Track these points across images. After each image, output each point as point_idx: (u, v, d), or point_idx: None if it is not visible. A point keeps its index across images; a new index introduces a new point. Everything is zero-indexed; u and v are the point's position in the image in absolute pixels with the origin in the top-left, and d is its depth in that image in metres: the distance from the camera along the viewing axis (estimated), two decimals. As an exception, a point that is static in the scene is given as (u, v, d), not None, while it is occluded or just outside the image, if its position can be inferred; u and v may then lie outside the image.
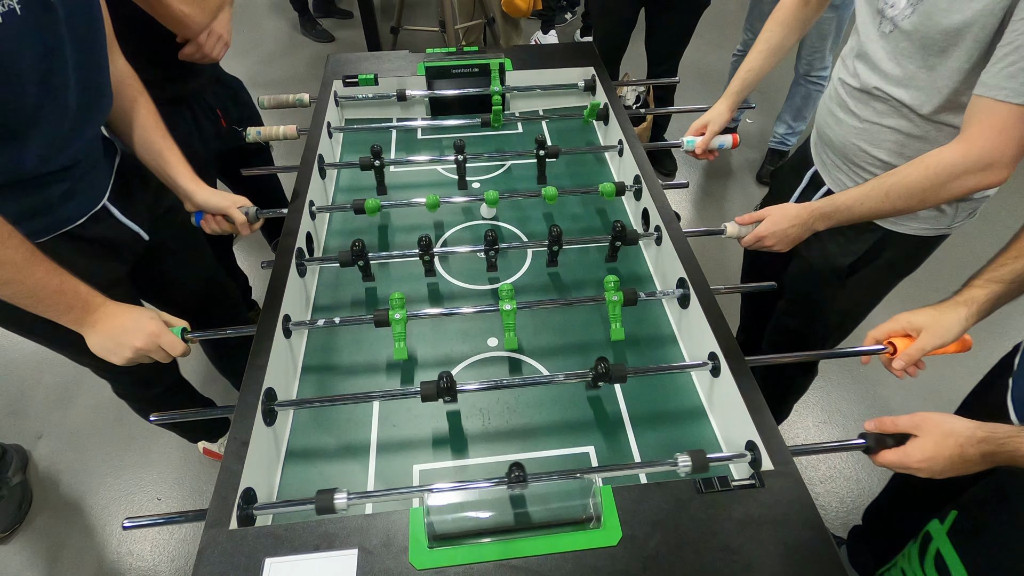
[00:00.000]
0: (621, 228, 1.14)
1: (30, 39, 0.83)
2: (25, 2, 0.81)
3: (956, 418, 0.75)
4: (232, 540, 0.71)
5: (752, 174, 2.82)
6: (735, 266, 2.38)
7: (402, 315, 0.97)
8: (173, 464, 1.78)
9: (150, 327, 0.93)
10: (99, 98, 1.00)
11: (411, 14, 3.98)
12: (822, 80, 2.45)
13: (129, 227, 1.12)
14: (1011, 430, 0.71)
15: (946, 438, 0.74)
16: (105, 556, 1.60)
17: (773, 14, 1.29)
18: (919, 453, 0.76)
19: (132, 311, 0.94)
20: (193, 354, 1.72)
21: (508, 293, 1.00)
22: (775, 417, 0.85)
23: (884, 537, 1.36)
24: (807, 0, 1.23)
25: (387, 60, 1.65)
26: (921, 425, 0.77)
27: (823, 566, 0.69)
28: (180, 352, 0.96)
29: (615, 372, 0.89)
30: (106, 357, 0.93)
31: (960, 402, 1.14)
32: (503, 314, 1.00)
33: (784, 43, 1.28)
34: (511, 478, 0.76)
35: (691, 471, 0.79)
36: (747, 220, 1.11)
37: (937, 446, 0.74)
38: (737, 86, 1.32)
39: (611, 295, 1.00)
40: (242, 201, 1.15)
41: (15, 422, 1.91)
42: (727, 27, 3.79)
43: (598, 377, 0.89)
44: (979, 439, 0.72)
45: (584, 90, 1.65)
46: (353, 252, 1.09)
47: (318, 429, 0.97)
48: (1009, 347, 1.01)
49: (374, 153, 1.30)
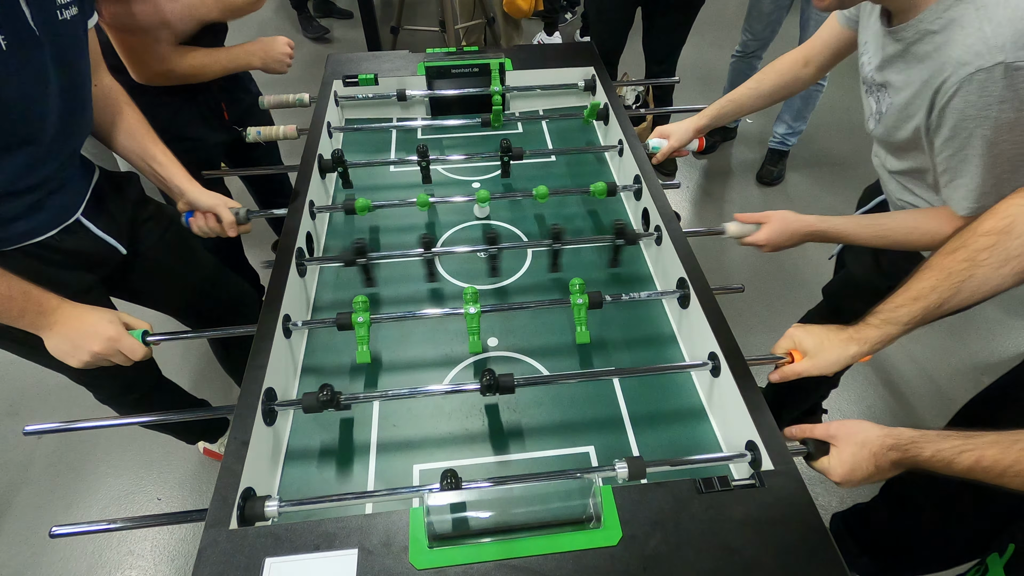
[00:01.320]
0: (622, 227, 1.13)
1: (16, 73, 0.84)
2: (10, 38, 0.81)
3: (868, 426, 0.77)
4: (232, 540, 0.71)
5: (752, 174, 2.82)
6: (735, 266, 2.39)
7: (365, 319, 0.96)
8: (173, 464, 1.78)
9: (108, 331, 0.92)
10: (80, 119, 1.01)
11: (411, 14, 3.98)
12: (822, 81, 2.45)
13: (105, 240, 1.12)
14: (913, 435, 0.72)
15: (860, 448, 0.75)
16: (105, 556, 1.60)
17: (774, 63, 1.31)
18: (838, 467, 0.77)
19: (91, 314, 0.93)
20: (187, 354, 1.72)
21: (472, 296, 0.99)
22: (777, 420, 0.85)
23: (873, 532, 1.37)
24: (807, 62, 1.26)
25: (387, 60, 1.65)
26: (837, 435, 0.79)
27: (823, 566, 0.69)
28: (140, 356, 0.95)
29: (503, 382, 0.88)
30: (64, 360, 0.93)
31: (956, 403, 1.15)
32: (467, 317, 0.99)
33: (775, 94, 1.31)
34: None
35: (628, 478, 0.79)
36: (748, 219, 1.13)
37: (853, 457, 0.76)
38: (713, 112, 1.35)
39: (576, 299, 0.99)
40: (233, 202, 1.16)
41: (15, 422, 1.91)
42: (727, 27, 3.79)
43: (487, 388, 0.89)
44: (888, 447, 0.73)
45: (584, 90, 1.65)
46: (355, 250, 1.09)
47: (318, 429, 0.97)
48: (1010, 348, 1.02)
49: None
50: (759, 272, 2.36)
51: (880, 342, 0.85)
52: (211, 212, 1.14)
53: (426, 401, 1.00)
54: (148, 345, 0.98)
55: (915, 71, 0.90)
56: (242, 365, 0.90)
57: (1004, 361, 2.02)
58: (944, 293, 0.79)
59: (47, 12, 0.87)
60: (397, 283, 1.22)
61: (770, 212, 1.12)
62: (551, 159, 1.53)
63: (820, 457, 0.80)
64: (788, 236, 1.10)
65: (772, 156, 2.76)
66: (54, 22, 0.88)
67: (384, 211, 1.35)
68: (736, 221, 1.15)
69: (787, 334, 0.93)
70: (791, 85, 1.29)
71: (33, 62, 0.86)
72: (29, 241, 1.00)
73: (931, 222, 1.00)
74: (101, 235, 1.11)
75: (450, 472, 0.78)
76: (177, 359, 1.95)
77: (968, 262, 0.77)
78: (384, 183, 1.46)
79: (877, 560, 1.35)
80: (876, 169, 1.21)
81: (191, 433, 1.70)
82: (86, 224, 1.08)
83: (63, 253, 1.05)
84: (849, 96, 3.29)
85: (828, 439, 0.80)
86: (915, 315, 0.82)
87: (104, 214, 1.12)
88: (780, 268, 2.37)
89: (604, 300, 1.01)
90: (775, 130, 2.72)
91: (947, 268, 0.79)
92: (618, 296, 1.05)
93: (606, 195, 1.27)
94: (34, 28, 0.85)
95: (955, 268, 0.78)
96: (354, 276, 1.22)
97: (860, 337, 0.86)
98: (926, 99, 0.89)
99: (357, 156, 1.52)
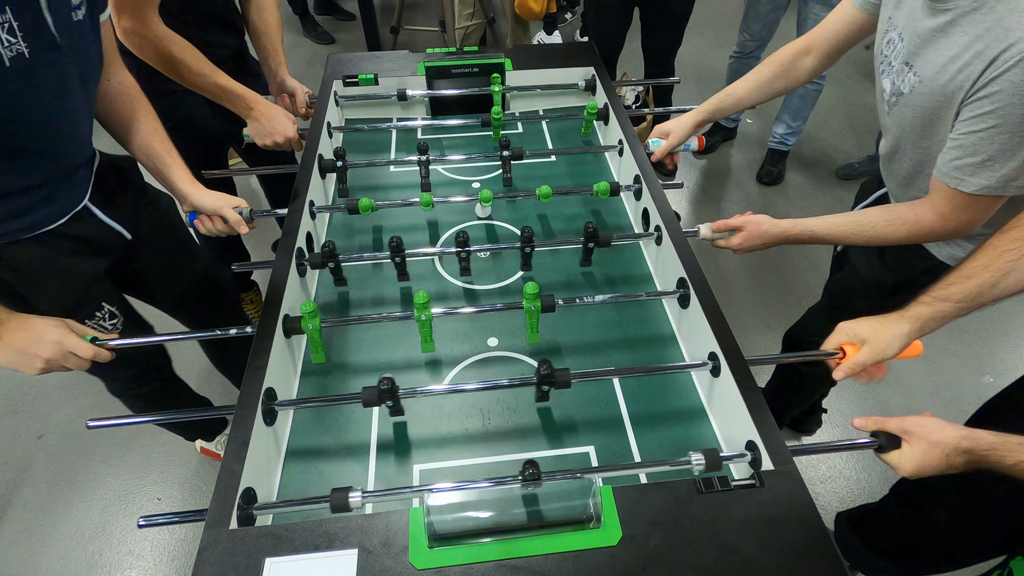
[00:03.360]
0: (594, 230, 1.14)
1: (39, 80, 0.85)
2: (34, 46, 0.82)
3: (943, 425, 0.76)
4: (232, 540, 0.71)
5: (752, 174, 2.82)
6: (735, 266, 2.39)
7: (315, 324, 0.96)
8: (174, 464, 1.78)
9: (53, 335, 0.92)
10: (89, 118, 1.03)
11: (411, 14, 3.98)
12: (820, 80, 2.46)
13: (111, 226, 1.13)
14: (994, 441, 0.72)
15: (933, 447, 0.75)
16: (105, 556, 1.60)
17: (774, 55, 1.30)
18: (909, 464, 0.77)
19: (37, 322, 0.93)
20: (192, 351, 1.72)
21: (425, 299, 0.97)
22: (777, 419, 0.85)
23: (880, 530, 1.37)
24: (809, 51, 1.24)
25: (387, 60, 1.65)
26: (910, 431, 0.78)
27: (823, 566, 0.69)
28: (91, 355, 0.96)
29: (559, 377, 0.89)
30: (17, 369, 0.93)
31: (958, 402, 1.15)
32: (419, 324, 0.99)
33: (773, 86, 1.29)
34: (525, 476, 0.76)
35: (704, 469, 0.79)
36: (721, 227, 1.15)
37: (925, 455, 0.76)
38: (711, 107, 1.33)
39: (529, 304, 0.99)
40: (236, 201, 1.16)
41: (15, 422, 1.91)
42: (727, 27, 3.79)
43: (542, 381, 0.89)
44: (964, 449, 0.73)
45: (584, 90, 1.65)
46: (324, 253, 1.10)
47: (318, 429, 0.97)
48: (1012, 350, 1.02)
49: (337, 155, 1.32)
50: (759, 272, 2.36)
51: (932, 320, 0.84)
52: (216, 215, 1.14)
53: (426, 401, 1.00)
54: (102, 347, 0.97)
55: (964, 43, 0.86)
56: (238, 365, 0.90)
57: (1007, 360, 2.04)
58: (996, 272, 0.78)
59: (64, 16, 0.88)
60: (395, 283, 1.22)
61: (746, 218, 1.12)
62: (551, 159, 1.54)
63: (891, 451, 0.80)
64: (762, 243, 1.11)
65: (772, 156, 2.77)
66: (70, 25, 0.89)
67: (385, 211, 1.36)
68: (709, 225, 1.16)
69: (838, 328, 0.92)
70: (792, 76, 1.27)
71: (54, 67, 0.87)
72: (41, 230, 1.01)
73: (910, 211, 0.99)
74: (108, 221, 1.12)
75: (530, 463, 0.78)
76: (186, 356, 1.94)
77: (1021, 241, 0.76)
78: (384, 183, 1.46)
79: (888, 560, 1.35)
80: (882, 166, 1.19)
81: (191, 431, 1.70)
82: (93, 210, 1.09)
83: (72, 240, 1.06)
84: (849, 96, 3.30)
85: (901, 434, 0.79)
86: (968, 292, 0.81)
87: (109, 200, 1.13)
88: (780, 268, 2.37)
89: (556, 304, 1.01)
90: (774, 130, 2.72)
91: (1000, 247, 0.78)
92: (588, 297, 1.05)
93: (609, 195, 1.28)
94: (55, 34, 0.86)
95: (1008, 247, 0.77)
96: (355, 276, 1.22)
97: (911, 315, 0.85)
98: (975, 71, 0.84)
99: (357, 156, 1.52)
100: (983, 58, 0.83)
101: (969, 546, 1.17)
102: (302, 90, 1.58)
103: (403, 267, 1.17)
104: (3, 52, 0.78)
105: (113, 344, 0.98)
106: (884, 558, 1.35)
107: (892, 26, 1.02)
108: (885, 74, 1.04)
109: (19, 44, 0.80)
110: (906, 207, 1.00)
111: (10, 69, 0.80)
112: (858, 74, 3.46)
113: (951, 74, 0.88)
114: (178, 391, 1.50)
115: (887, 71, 1.03)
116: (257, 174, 1.79)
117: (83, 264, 1.09)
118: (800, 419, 1.84)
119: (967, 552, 1.19)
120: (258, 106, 1.39)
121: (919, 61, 0.94)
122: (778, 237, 1.10)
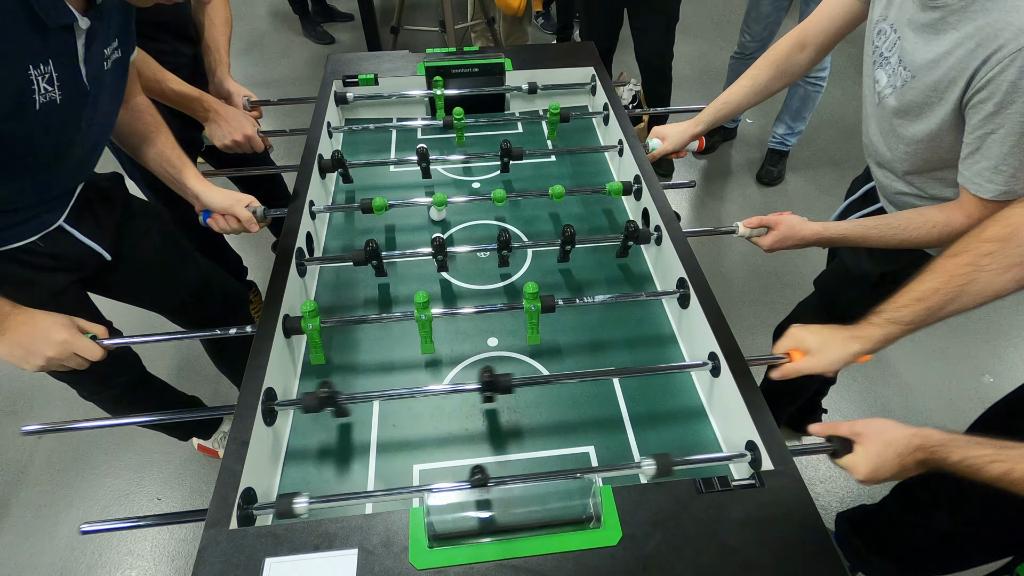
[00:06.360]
0: (634, 228, 1.14)
1: (63, 122, 0.87)
2: (66, 94, 0.85)
3: (893, 425, 0.77)
4: (232, 540, 0.71)
5: (752, 174, 2.82)
6: (735, 266, 2.39)
7: (315, 324, 0.96)
8: (173, 464, 1.78)
9: (61, 335, 0.93)
10: (99, 152, 1.04)
11: (411, 14, 3.98)
12: (820, 81, 2.46)
13: (88, 245, 1.12)
14: (941, 438, 0.72)
15: (886, 448, 0.75)
16: (105, 556, 1.60)
17: (767, 53, 1.28)
18: (863, 466, 0.77)
19: (43, 318, 0.93)
20: (168, 349, 1.71)
21: (424, 299, 0.97)
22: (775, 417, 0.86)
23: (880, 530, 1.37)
24: (803, 45, 1.23)
25: (387, 60, 1.65)
26: (862, 433, 0.79)
27: (823, 566, 0.69)
28: (96, 356, 0.96)
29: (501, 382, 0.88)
30: (18, 365, 0.93)
31: (958, 402, 1.14)
32: (419, 324, 0.99)
33: (770, 85, 1.28)
34: (472, 481, 0.76)
35: (656, 474, 0.79)
36: (753, 223, 1.13)
37: (879, 456, 0.76)
38: (709, 117, 1.33)
39: (529, 304, 0.99)
40: (248, 199, 1.16)
41: (15, 422, 1.91)
42: (727, 27, 3.79)
43: None
44: (915, 447, 0.73)
45: (587, 87, 1.65)
46: (367, 251, 1.09)
47: (318, 429, 0.97)
48: (1012, 350, 1.02)
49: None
50: (759, 272, 2.36)
51: (882, 341, 0.85)
52: (228, 213, 1.14)
53: (426, 401, 1.00)
54: (105, 347, 0.97)
55: (954, 40, 0.86)
56: (238, 364, 0.90)
57: (1007, 360, 2.04)
58: (947, 296, 0.79)
59: (97, 67, 0.90)
60: (405, 282, 1.22)
61: (779, 217, 1.10)
62: (551, 159, 1.54)
63: (845, 455, 0.80)
64: (793, 244, 1.10)
65: (772, 156, 2.77)
66: (100, 75, 0.92)
67: (387, 211, 1.36)
68: (744, 222, 1.15)
69: (788, 333, 0.93)
70: (789, 73, 1.26)
71: (78, 109, 0.90)
72: (8, 247, 1.00)
73: (940, 214, 0.98)
74: (85, 240, 1.11)
75: (478, 468, 0.77)
76: (157, 354, 1.92)
77: (971, 267, 0.77)
78: (384, 183, 1.46)
79: (891, 560, 1.35)
80: (868, 159, 1.19)
81: (183, 430, 1.69)
82: (69, 230, 1.08)
83: (44, 256, 1.05)
84: (848, 96, 3.30)
85: (853, 437, 0.79)
86: (918, 315, 0.82)
87: (88, 220, 1.12)
88: (780, 268, 2.37)
89: (556, 304, 1.01)
90: (775, 130, 2.72)
91: (950, 271, 0.79)
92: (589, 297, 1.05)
93: (622, 194, 1.28)
94: (86, 83, 0.88)
95: (958, 272, 0.78)
96: (354, 276, 1.22)
97: (863, 336, 0.86)
98: (968, 70, 0.84)
99: (357, 156, 1.52)
100: (975, 57, 0.83)
101: (973, 547, 1.17)
102: (240, 94, 1.49)
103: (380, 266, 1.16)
104: (38, 99, 0.81)
105: (110, 343, 0.98)
106: (886, 559, 1.35)
107: (883, 17, 1.02)
108: (878, 65, 1.04)
109: (54, 92, 0.83)
110: (936, 210, 0.99)
111: (39, 113, 0.82)
112: (858, 75, 3.45)
113: (942, 70, 0.89)
114: (153, 390, 1.47)
115: (880, 63, 1.03)
116: (228, 176, 1.76)
117: (48, 278, 1.07)
118: (800, 419, 1.84)
119: (971, 553, 1.19)
120: (215, 107, 1.38)
121: (909, 56, 0.95)
122: (810, 239, 1.09)
